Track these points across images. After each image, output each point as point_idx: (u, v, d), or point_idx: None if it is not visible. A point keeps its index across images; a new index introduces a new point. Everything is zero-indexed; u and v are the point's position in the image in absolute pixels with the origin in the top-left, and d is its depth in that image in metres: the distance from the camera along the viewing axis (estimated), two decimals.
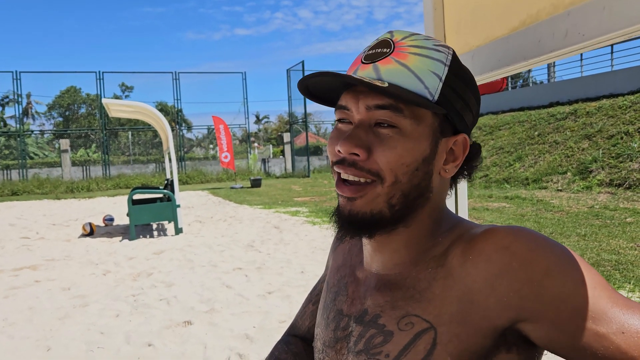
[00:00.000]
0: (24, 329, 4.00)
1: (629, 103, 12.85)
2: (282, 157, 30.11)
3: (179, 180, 21.61)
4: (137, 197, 9.89)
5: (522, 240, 0.62)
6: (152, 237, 8.49)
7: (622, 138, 11.59)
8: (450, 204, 1.34)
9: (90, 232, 8.87)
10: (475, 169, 0.78)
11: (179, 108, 28.58)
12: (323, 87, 0.74)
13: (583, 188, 10.69)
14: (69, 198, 18.42)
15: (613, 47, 18.12)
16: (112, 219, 10.21)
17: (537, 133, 14.60)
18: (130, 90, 47.17)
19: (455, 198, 1.38)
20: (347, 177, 0.70)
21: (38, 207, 15.21)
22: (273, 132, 54.77)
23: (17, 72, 24.27)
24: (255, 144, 37.82)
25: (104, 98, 9.91)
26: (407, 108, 0.67)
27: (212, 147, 39.85)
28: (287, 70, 27.36)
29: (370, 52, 0.70)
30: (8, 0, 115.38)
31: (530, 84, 24.21)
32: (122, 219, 10.77)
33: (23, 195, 20.19)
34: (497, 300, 0.61)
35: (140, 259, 6.60)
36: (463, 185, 1.36)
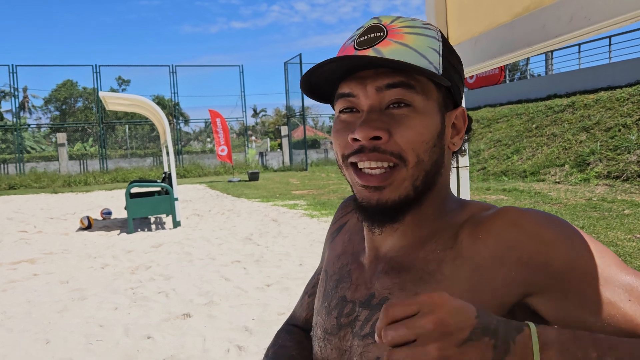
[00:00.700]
0: (23, 322, 3.99)
1: (627, 95, 12.84)
2: (279, 150, 30.08)
3: (177, 174, 21.60)
4: (134, 190, 9.86)
5: (529, 216, 0.63)
6: (150, 230, 8.48)
7: (619, 130, 11.60)
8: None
9: (88, 225, 8.85)
10: (469, 141, 0.79)
11: (176, 101, 28.51)
12: (322, 80, 0.72)
13: (581, 180, 10.70)
14: (67, 192, 18.38)
15: (611, 39, 18.10)
16: (109, 213, 10.19)
17: (534, 126, 14.59)
18: (127, 84, 46.95)
19: (458, 189, 1.37)
20: (369, 165, 0.68)
21: (35, 201, 15.17)
22: (270, 125, 54.69)
23: (13, 65, 24.17)
24: (253, 138, 37.77)
25: (101, 91, 9.85)
26: (417, 84, 0.67)
27: (209, 140, 39.77)
28: (284, 63, 27.25)
29: (363, 38, 0.69)
30: None
31: (528, 77, 24.18)
32: (119, 213, 10.75)
33: (20, 189, 20.14)
34: (505, 276, 0.62)
35: (139, 252, 6.59)
36: (465, 175, 1.35)
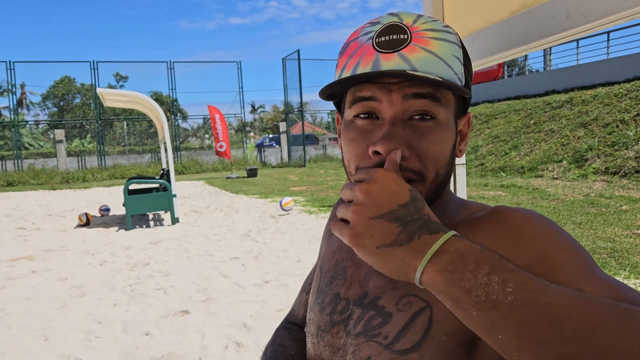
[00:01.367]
0: (22, 319, 3.99)
1: (625, 91, 12.85)
2: (278, 146, 30.05)
3: (175, 170, 21.58)
4: (133, 187, 9.86)
5: (516, 214, 0.64)
6: (148, 227, 8.48)
7: (617, 126, 11.61)
8: None
9: (87, 222, 8.84)
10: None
11: (174, 98, 28.43)
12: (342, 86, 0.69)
13: (579, 176, 10.72)
14: (65, 189, 18.35)
15: (609, 34, 18.09)
16: (108, 209, 10.18)
17: (532, 121, 14.60)
18: (125, 80, 46.80)
19: (455, 186, 1.37)
20: None
21: (34, 197, 15.15)
22: (269, 121, 54.64)
23: (10, 62, 24.06)
24: (251, 134, 37.72)
25: (99, 88, 9.83)
26: (442, 96, 0.65)
27: (207, 137, 39.72)
28: (282, 59, 27.21)
29: (384, 38, 0.65)
30: None
31: (526, 73, 24.16)
32: (118, 209, 10.74)
33: (18, 186, 20.11)
34: None
35: (137, 249, 6.59)
36: (462, 172, 1.35)
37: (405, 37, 0.64)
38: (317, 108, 44.20)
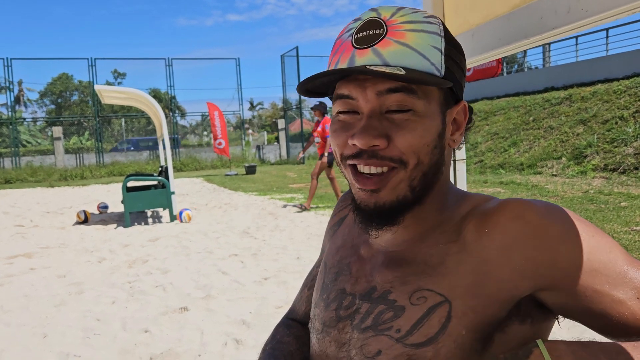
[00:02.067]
0: (20, 317, 3.99)
1: (624, 88, 12.85)
2: (276, 143, 30.02)
3: (173, 168, 21.55)
4: (131, 184, 9.84)
5: (534, 209, 0.62)
6: (147, 224, 8.47)
7: (616, 123, 11.61)
8: None
9: (85, 219, 8.83)
10: (469, 131, 0.78)
11: (173, 95, 28.35)
12: (320, 84, 0.71)
13: (578, 173, 10.72)
14: (63, 186, 18.32)
15: (608, 31, 18.08)
16: (106, 207, 10.17)
17: (532, 118, 14.60)
18: (123, 77, 46.69)
19: (454, 182, 1.37)
20: (368, 170, 0.67)
21: (32, 195, 15.12)
22: (267, 118, 54.55)
23: (8, 58, 23.97)
24: (250, 131, 37.70)
25: (97, 85, 9.80)
26: (419, 88, 0.65)
27: (205, 134, 39.67)
28: (281, 56, 27.14)
29: (361, 34, 0.67)
30: None
31: (525, 69, 24.16)
32: (116, 207, 10.73)
33: (16, 184, 20.07)
34: (512, 270, 0.61)
35: (136, 246, 6.58)
36: (462, 168, 1.34)
37: (381, 31, 0.65)
38: None
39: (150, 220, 8.85)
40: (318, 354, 0.79)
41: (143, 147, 28.76)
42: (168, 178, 8.75)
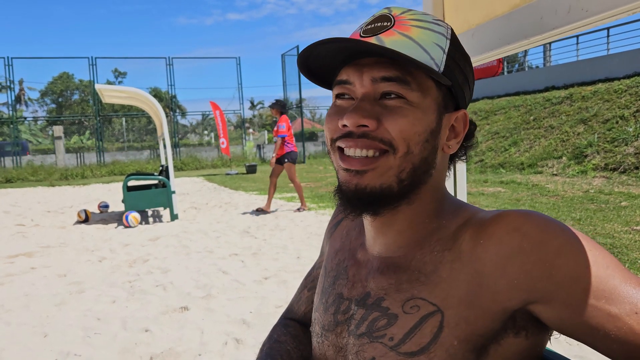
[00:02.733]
0: (21, 316, 3.99)
1: (625, 87, 12.84)
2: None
3: (174, 167, 21.55)
4: (132, 183, 9.85)
5: (533, 222, 0.61)
6: (147, 223, 8.47)
7: (617, 122, 11.60)
8: (449, 187, 1.33)
9: (85, 218, 8.83)
10: (471, 148, 0.77)
11: (173, 94, 28.35)
12: (322, 63, 0.71)
13: (578, 172, 10.72)
14: (64, 185, 18.33)
15: (609, 30, 18.06)
16: (107, 206, 10.17)
17: (532, 118, 14.59)
18: (124, 76, 46.76)
19: (454, 181, 1.37)
20: (353, 152, 0.67)
21: (32, 194, 15.13)
22: (268, 117, 54.53)
23: (9, 58, 23.97)
24: (250, 130, 37.67)
25: (97, 84, 9.80)
26: (413, 80, 0.65)
27: (206, 133, 39.68)
28: (281, 55, 27.13)
29: (369, 26, 0.69)
30: None
31: (526, 69, 24.15)
32: (117, 206, 10.73)
33: (17, 183, 20.09)
34: (507, 283, 0.60)
35: (136, 246, 6.59)
36: (462, 168, 1.34)
37: (388, 24, 0.67)
38: (316, 104, 44.23)
39: (151, 220, 8.85)
40: (318, 358, 0.80)
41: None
42: (169, 177, 8.75)
